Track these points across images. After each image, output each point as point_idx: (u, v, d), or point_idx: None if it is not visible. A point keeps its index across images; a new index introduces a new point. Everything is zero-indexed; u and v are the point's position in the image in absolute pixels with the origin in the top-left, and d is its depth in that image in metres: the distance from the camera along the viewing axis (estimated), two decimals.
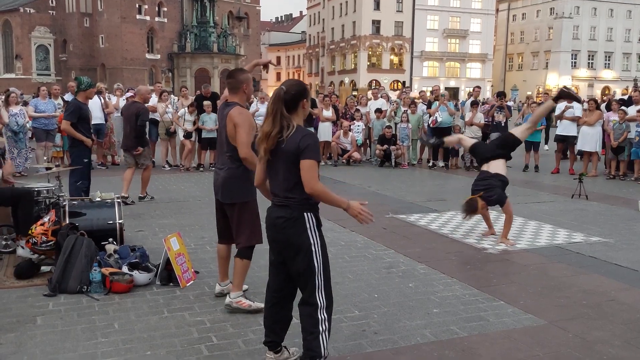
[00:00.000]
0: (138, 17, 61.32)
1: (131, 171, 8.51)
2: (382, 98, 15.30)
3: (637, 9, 70.06)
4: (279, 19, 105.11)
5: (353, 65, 66.83)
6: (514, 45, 74.53)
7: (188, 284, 4.90)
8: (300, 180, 3.05)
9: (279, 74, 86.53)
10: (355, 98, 17.21)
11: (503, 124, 12.86)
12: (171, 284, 4.87)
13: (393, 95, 21.89)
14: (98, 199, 5.83)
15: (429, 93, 14.75)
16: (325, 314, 3.12)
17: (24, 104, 12.93)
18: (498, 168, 6.62)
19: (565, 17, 67.58)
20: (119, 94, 13.71)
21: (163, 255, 4.95)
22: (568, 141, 12.64)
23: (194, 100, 13.09)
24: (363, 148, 14.68)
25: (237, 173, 4.18)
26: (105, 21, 60.88)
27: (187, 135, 12.30)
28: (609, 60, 71.14)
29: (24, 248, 5.32)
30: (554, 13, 68.73)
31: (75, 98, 7.24)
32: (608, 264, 5.74)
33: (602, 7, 69.40)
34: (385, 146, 13.33)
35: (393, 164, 13.44)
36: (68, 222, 5.31)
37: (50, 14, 64.31)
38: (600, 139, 12.13)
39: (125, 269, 4.87)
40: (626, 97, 14.96)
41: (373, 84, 56.28)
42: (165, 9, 63.58)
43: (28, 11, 63.13)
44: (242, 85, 4.24)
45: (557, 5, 68.18)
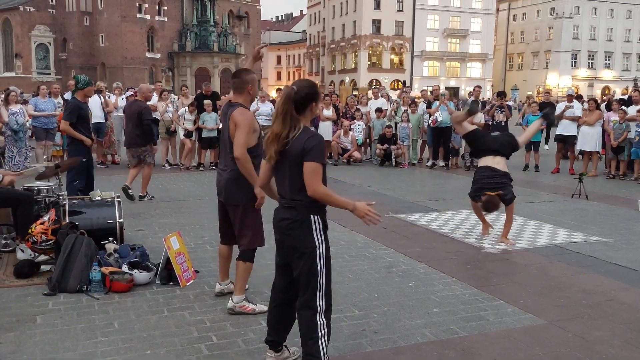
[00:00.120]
0: (138, 16, 61.35)
1: (136, 169, 8.73)
2: (383, 97, 15.29)
3: (637, 9, 70.07)
4: (280, 18, 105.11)
5: (353, 64, 66.84)
6: (514, 45, 74.53)
7: (188, 284, 4.90)
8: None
9: (279, 73, 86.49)
10: (355, 97, 17.23)
11: (503, 124, 12.85)
12: (171, 283, 4.87)
13: (393, 94, 21.90)
14: (98, 198, 5.83)
15: (429, 93, 14.75)
16: (324, 318, 3.08)
17: (24, 103, 12.90)
18: (504, 166, 6.51)
19: (565, 17, 67.57)
20: (118, 93, 13.71)
21: (163, 254, 4.95)
22: (568, 141, 12.65)
23: (195, 99, 13.08)
24: (363, 147, 14.69)
25: (241, 174, 4.09)
26: (105, 20, 60.87)
27: (187, 134, 12.30)
28: (609, 60, 71.14)
29: (24, 251, 5.32)
30: (554, 13, 68.72)
31: (74, 97, 7.20)
32: (608, 264, 5.75)
33: (602, 7, 69.39)
34: (385, 146, 13.33)
35: (393, 164, 13.44)
36: (68, 221, 5.30)
37: (50, 13, 64.31)
38: (600, 139, 12.14)
39: (125, 268, 4.87)
40: (626, 97, 14.95)
41: (373, 84, 56.32)
42: (165, 8, 63.60)
43: (28, 10, 63.11)
44: (247, 85, 4.17)
45: (558, 5, 68.16)
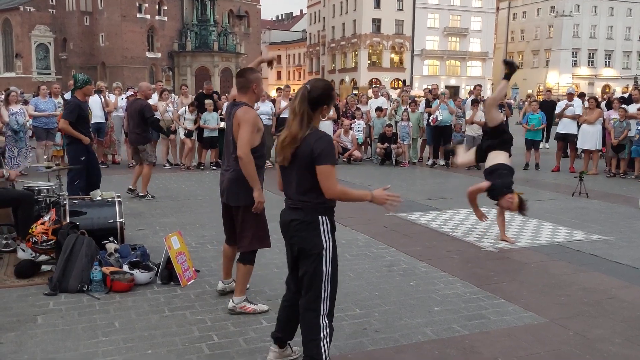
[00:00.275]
0: (138, 16, 61.32)
1: (139, 169, 8.83)
2: (383, 96, 15.29)
3: (638, 7, 69.99)
4: (280, 18, 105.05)
5: (353, 63, 66.81)
6: (515, 43, 74.44)
7: (189, 283, 4.90)
8: (314, 184, 2.96)
9: (280, 73, 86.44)
10: (355, 96, 17.23)
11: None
12: (172, 283, 4.87)
13: (393, 93, 21.89)
14: (99, 198, 5.83)
15: (428, 92, 14.75)
16: (326, 320, 3.06)
17: (24, 103, 12.92)
18: (498, 159, 6.48)
19: (565, 16, 67.50)
20: (118, 93, 13.71)
21: (164, 254, 4.95)
22: (568, 139, 12.65)
23: (195, 98, 13.08)
24: (364, 146, 14.68)
25: (243, 175, 4.01)
26: (105, 20, 60.83)
27: (188, 134, 12.30)
28: (609, 58, 71.11)
29: (24, 251, 5.31)
30: (555, 11, 68.64)
31: (74, 96, 7.18)
32: (608, 262, 5.75)
33: (603, 6, 69.33)
34: (385, 145, 13.33)
35: (394, 163, 13.44)
36: (68, 221, 5.30)
37: (50, 13, 64.27)
38: (600, 137, 12.13)
39: (125, 268, 4.87)
40: (626, 95, 14.94)
41: (373, 83, 56.28)
42: (165, 8, 63.56)
43: (28, 10, 63.08)
44: (252, 85, 4.10)
45: (558, 3, 68.09)
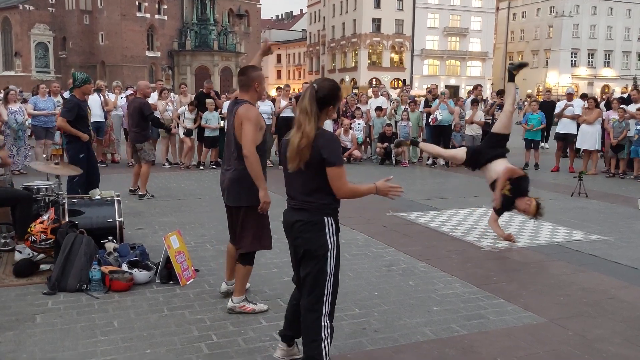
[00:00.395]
0: (138, 15, 61.29)
1: (138, 167, 8.83)
2: (383, 96, 15.29)
3: (637, 8, 69.99)
4: (280, 17, 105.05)
5: (353, 63, 66.81)
6: (514, 43, 74.43)
7: (188, 282, 4.89)
8: (319, 185, 2.96)
9: (279, 72, 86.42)
10: (355, 96, 17.21)
11: None
12: (171, 282, 4.86)
13: (393, 93, 21.89)
14: (98, 197, 5.82)
15: (428, 92, 14.75)
16: (327, 321, 3.07)
17: (23, 102, 12.91)
18: (500, 167, 6.43)
19: (565, 16, 67.51)
20: (118, 92, 13.72)
21: (163, 253, 4.94)
22: (568, 139, 12.65)
23: (195, 97, 13.07)
24: (363, 146, 14.67)
25: (244, 175, 3.94)
26: (105, 18, 60.77)
27: (187, 133, 12.29)
28: (609, 58, 71.09)
29: (21, 252, 5.30)
30: (554, 11, 68.64)
31: (72, 95, 7.16)
32: (608, 262, 5.75)
33: (602, 6, 69.32)
34: (385, 144, 13.32)
35: (393, 162, 13.45)
36: (67, 220, 5.29)
37: (49, 11, 64.20)
38: (599, 138, 12.13)
39: (125, 267, 4.86)
40: (626, 96, 14.94)
41: (373, 82, 56.29)
42: (165, 7, 63.53)
43: (27, 8, 63.01)
44: (254, 83, 4.05)
45: (557, 3, 68.09)
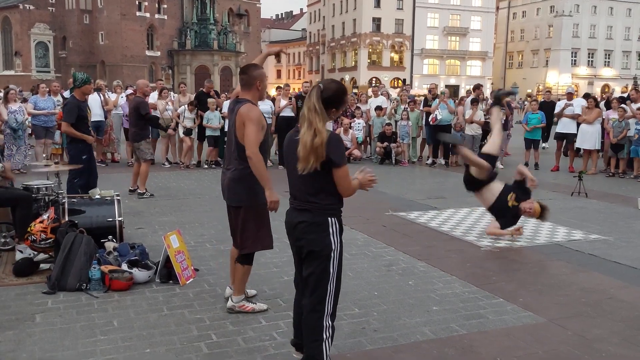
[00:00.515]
0: (138, 14, 61.28)
1: (137, 167, 8.85)
2: (383, 96, 15.30)
3: (637, 7, 69.99)
4: (280, 17, 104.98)
5: (353, 62, 66.79)
6: (514, 43, 74.45)
7: (188, 282, 4.90)
8: (324, 186, 2.98)
9: (279, 71, 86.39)
10: (355, 96, 17.22)
11: (503, 122, 12.82)
12: (171, 282, 4.87)
13: (393, 92, 21.88)
14: (97, 197, 5.82)
15: (428, 92, 14.76)
16: (329, 321, 3.08)
17: (23, 101, 12.91)
18: (497, 188, 6.45)
19: (565, 15, 67.50)
20: (119, 91, 13.73)
21: (163, 252, 4.95)
22: (568, 139, 12.66)
23: (195, 97, 13.07)
24: (363, 145, 14.69)
25: (244, 174, 3.92)
26: (105, 18, 60.76)
27: (187, 132, 12.29)
28: (609, 58, 71.12)
29: (22, 252, 5.31)
30: (554, 11, 68.63)
31: (72, 95, 7.16)
32: (607, 262, 5.75)
33: (602, 5, 69.32)
34: (385, 144, 13.33)
35: (393, 162, 13.45)
36: (67, 220, 5.30)
37: (49, 11, 64.21)
38: (599, 137, 12.13)
39: (124, 267, 4.86)
40: (625, 95, 14.95)
41: (373, 82, 56.31)
42: (165, 6, 63.50)
43: (27, 8, 63.02)
44: (256, 81, 4.02)
45: (557, 3, 68.08)
